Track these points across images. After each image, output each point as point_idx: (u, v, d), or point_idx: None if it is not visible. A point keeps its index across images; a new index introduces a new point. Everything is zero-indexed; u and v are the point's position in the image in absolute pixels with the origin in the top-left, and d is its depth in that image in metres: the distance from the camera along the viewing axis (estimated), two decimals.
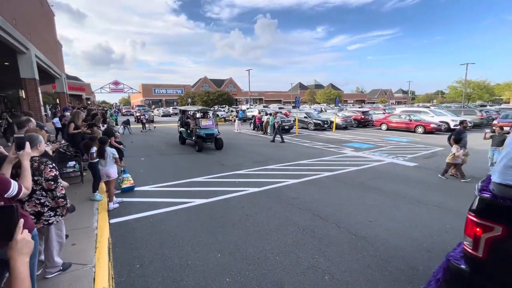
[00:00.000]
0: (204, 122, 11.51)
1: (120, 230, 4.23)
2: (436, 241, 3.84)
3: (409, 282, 2.98)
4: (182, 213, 4.87)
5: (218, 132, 11.61)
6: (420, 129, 16.69)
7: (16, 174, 2.28)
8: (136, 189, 6.13)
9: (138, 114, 26.55)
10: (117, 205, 5.11)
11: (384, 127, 19.00)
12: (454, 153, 6.77)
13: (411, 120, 17.41)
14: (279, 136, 13.82)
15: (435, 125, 16.46)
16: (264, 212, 4.89)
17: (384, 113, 24.87)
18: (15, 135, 2.18)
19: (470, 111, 21.86)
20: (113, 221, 4.52)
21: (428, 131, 16.35)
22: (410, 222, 4.46)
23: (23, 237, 1.05)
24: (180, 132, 13.14)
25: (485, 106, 35.06)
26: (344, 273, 3.14)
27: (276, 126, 14.05)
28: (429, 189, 6.16)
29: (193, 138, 11.41)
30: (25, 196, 2.08)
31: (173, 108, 44.63)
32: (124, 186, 5.92)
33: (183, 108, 14.42)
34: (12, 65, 12.23)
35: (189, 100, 42.72)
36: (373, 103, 77.42)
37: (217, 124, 12.35)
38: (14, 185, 1.90)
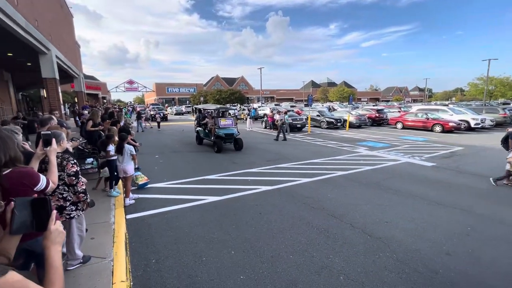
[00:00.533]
0: (223, 122, 10.91)
1: (136, 225, 4.33)
2: (456, 244, 3.70)
3: (428, 285, 2.88)
4: (196, 210, 4.94)
5: (238, 132, 11.00)
6: (438, 128, 16.11)
7: (41, 169, 2.37)
8: (151, 185, 6.26)
9: (152, 112, 26.90)
10: (133, 201, 5.24)
11: (399, 125, 18.47)
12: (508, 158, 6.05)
13: (428, 119, 16.83)
14: (282, 134, 13.75)
15: (454, 124, 15.84)
16: (277, 210, 4.88)
17: (399, 111, 24.21)
18: (42, 132, 2.27)
19: (492, 109, 20.90)
20: (129, 216, 4.63)
21: (447, 130, 15.76)
22: (428, 223, 4.32)
23: (56, 227, 1.10)
24: (197, 132, 12.61)
25: (509, 104, 33.42)
26: (360, 274, 3.08)
27: (279, 123, 14.04)
28: (449, 190, 5.94)
29: (212, 138, 10.92)
30: (52, 190, 2.17)
31: (185, 107, 45.30)
32: (140, 182, 6.06)
33: (200, 106, 13.70)
34: (34, 65, 12.76)
35: (202, 98, 43.16)
36: (388, 101, 75.51)
37: (236, 123, 11.80)
38: (42, 179, 1.98)
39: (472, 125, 16.71)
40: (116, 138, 5.41)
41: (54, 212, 1.12)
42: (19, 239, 1.11)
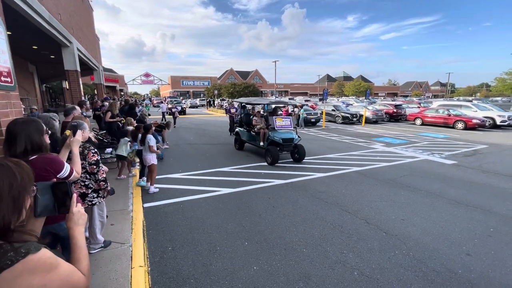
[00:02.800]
0: (279, 122, 8.03)
1: (153, 214, 4.47)
2: (478, 245, 3.56)
3: (446, 285, 2.80)
4: (210, 201, 5.02)
5: (299, 137, 8.10)
6: (460, 125, 15.41)
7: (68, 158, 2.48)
8: (166, 176, 6.42)
9: (170, 106, 26.19)
10: (157, 189, 5.37)
11: (418, 121, 17.82)
12: None
13: (450, 115, 16.11)
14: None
15: (478, 121, 15.06)
16: (290, 204, 4.88)
17: (419, 107, 23.33)
18: (71, 123, 2.36)
19: None
20: (146, 205, 4.78)
21: (470, 127, 15.03)
22: (447, 222, 4.18)
23: (78, 209, 1.16)
24: (237, 134, 9.85)
25: None
26: (374, 270, 3.04)
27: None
28: (470, 189, 5.70)
29: (262, 144, 8.24)
30: (75, 179, 2.26)
31: (200, 100, 45.92)
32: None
33: (244, 100, 10.21)
34: (56, 58, 13.23)
35: (216, 92, 43.42)
36: (406, 96, 72.87)
37: (296, 125, 8.76)
38: (66, 167, 2.07)
39: (498, 122, 15.86)
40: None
41: (75, 195, 1.17)
42: (43, 221, 1.16)
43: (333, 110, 19.51)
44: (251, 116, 9.62)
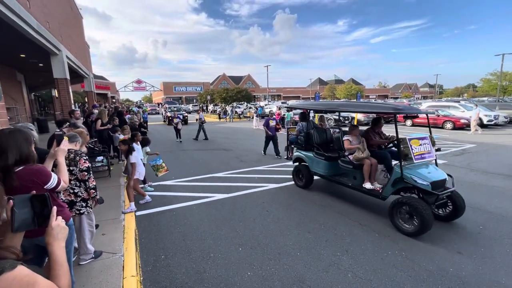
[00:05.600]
0: (416, 146, 4.26)
1: (146, 222, 4.41)
2: (468, 243, 3.63)
3: (438, 284, 2.84)
4: (204, 207, 4.98)
5: (449, 175, 4.30)
6: (448, 125, 15.77)
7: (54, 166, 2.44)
8: (159, 183, 6.35)
9: (168, 114, 20.60)
10: (150, 199, 5.28)
11: (408, 123, 18.17)
12: None
13: (438, 116, 16.48)
14: (203, 133, 13.05)
15: (465, 121, 15.45)
16: (284, 208, 4.88)
17: None
18: (55, 133, 2.33)
19: (506, 105, 20.31)
20: (138, 213, 4.71)
21: (458, 127, 15.41)
22: (438, 222, 4.25)
23: (58, 223, 1.11)
24: (300, 160, 6.01)
25: None
26: (368, 271, 3.06)
27: (199, 122, 13.35)
28: (459, 188, 5.77)
29: (370, 187, 4.55)
30: (63, 189, 2.21)
31: (193, 105, 45.95)
32: (160, 174, 5.91)
33: (320, 106, 6.23)
34: (45, 66, 13.05)
35: (208, 97, 43.35)
36: (397, 98, 74.21)
37: (437, 150, 5.03)
38: (54, 177, 2.02)
39: (485, 122, 16.27)
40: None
41: (55, 208, 1.13)
42: (22, 236, 1.11)
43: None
44: (338, 135, 5.65)
